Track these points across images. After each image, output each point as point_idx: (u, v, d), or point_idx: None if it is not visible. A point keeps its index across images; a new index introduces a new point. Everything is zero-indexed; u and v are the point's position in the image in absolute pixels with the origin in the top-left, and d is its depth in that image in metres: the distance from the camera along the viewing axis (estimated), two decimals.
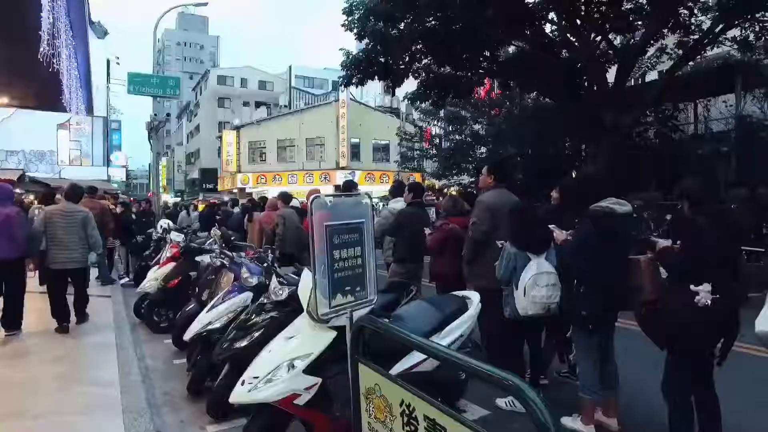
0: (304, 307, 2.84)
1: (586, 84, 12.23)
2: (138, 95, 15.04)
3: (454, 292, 3.60)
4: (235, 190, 33.91)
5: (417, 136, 24.02)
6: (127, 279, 10.07)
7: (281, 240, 7.19)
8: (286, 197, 7.66)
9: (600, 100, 11.30)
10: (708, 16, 10.88)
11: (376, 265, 2.69)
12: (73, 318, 5.95)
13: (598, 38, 11.79)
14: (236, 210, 12.02)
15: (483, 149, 19.93)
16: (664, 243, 2.80)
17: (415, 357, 2.88)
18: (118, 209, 11.38)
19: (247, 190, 32.67)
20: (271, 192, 31.29)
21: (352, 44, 29.50)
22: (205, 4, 20.43)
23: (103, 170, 35.83)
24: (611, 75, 11.94)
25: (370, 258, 2.58)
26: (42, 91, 12.50)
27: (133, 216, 11.51)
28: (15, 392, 3.89)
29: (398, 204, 5.68)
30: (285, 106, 40.54)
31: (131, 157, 55.29)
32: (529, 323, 3.60)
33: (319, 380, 2.70)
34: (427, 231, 4.64)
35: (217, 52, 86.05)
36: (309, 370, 2.71)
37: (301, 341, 2.79)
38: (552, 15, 12.23)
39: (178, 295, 5.91)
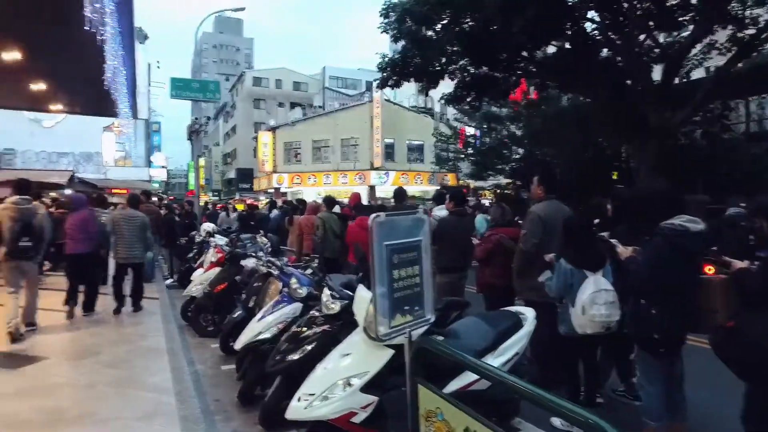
0: (360, 323, 2.84)
1: (628, 83, 11.87)
2: (179, 99, 15.39)
3: (508, 308, 3.54)
4: (270, 190, 34.47)
5: (452, 137, 23.83)
6: (171, 280, 10.36)
7: (318, 244, 7.26)
8: (329, 202, 7.71)
9: (644, 99, 10.94)
10: (766, 9, 10.36)
11: (434, 284, 2.66)
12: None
13: (642, 36, 11.41)
14: (274, 213, 12.17)
15: (520, 150, 19.64)
16: (738, 263, 2.65)
17: (471, 376, 2.84)
18: (162, 212, 11.74)
19: (282, 190, 33.16)
20: (306, 192, 31.74)
21: (387, 46, 29.42)
22: (243, 9, 20.78)
23: (145, 171, 37.07)
24: (655, 73, 11.56)
25: (427, 276, 2.56)
26: (92, 98, 13.01)
27: (177, 218, 11.80)
28: (80, 395, 4.05)
29: (441, 212, 5.63)
30: (319, 106, 40.90)
31: (170, 158, 57.03)
32: (585, 340, 3.50)
33: (376, 399, 2.69)
34: (475, 240, 4.58)
35: (251, 54, 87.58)
36: (365, 388, 2.71)
37: (358, 359, 2.79)
38: (592, 14, 11.92)
39: (223, 299, 6.05)
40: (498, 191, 20.62)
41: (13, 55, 9.38)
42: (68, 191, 19.47)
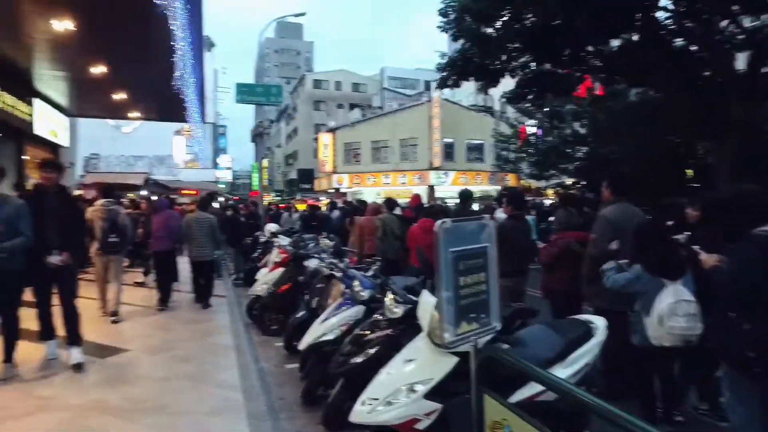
0: (424, 329, 2.82)
1: (707, 74, 11.08)
2: (244, 104, 15.96)
3: (577, 316, 3.40)
4: (330, 191, 35.10)
5: (513, 136, 23.28)
6: (236, 277, 10.78)
7: (378, 244, 7.31)
8: (390, 203, 7.75)
9: (726, 91, 10.17)
10: None
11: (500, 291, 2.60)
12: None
13: (724, 22, 10.60)
14: (335, 213, 12.38)
15: (584, 149, 18.89)
16: None
17: (538, 386, 2.75)
18: (228, 212, 12.24)
19: (342, 190, 33.68)
20: (366, 192, 32.07)
21: (446, 45, 29.24)
22: (303, 14, 21.37)
23: (212, 172, 38.82)
24: (738, 61, 10.69)
25: (494, 283, 2.50)
26: (166, 105, 13.78)
27: (242, 219, 12.25)
28: (157, 387, 4.29)
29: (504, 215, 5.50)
30: (378, 107, 41.21)
31: (235, 159, 59.50)
32: (660, 352, 3.29)
33: (440, 406, 2.67)
34: (541, 244, 4.44)
35: (311, 57, 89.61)
36: (429, 395, 2.69)
37: (421, 365, 2.77)
38: (665, 1, 11.22)
39: (287, 299, 6.20)
40: (561, 191, 19.95)
41: (100, 70, 10.12)
42: (144, 192, 20.79)
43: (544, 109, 19.11)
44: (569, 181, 20.28)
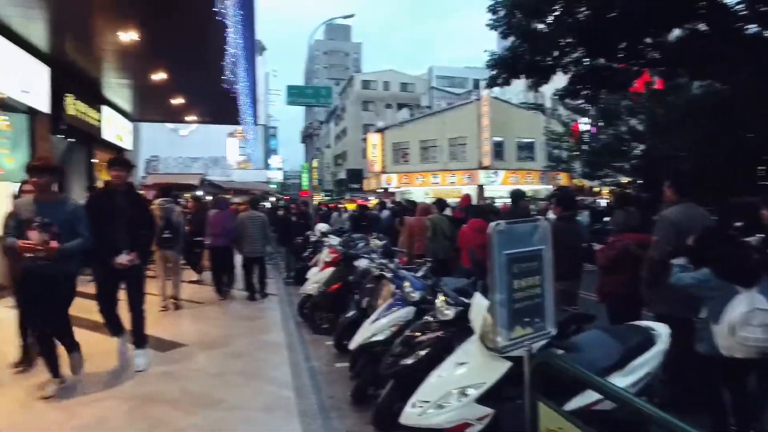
0: (476, 332, 2.77)
1: None
2: (295, 105, 16.29)
3: (637, 322, 3.24)
4: (379, 190, 35.28)
5: (565, 134, 22.57)
6: (286, 276, 11.01)
7: (428, 244, 7.26)
8: (440, 204, 7.71)
9: None
10: None
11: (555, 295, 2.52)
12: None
13: None
14: (384, 213, 12.42)
15: (641, 146, 18.06)
16: None
17: (595, 395, 2.64)
18: (280, 212, 12.52)
19: (391, 190, 33.77)
20: (414, 192, 32.02)
21: (495, 43, 28.77)
22: (352, 15, 21.53)
23: (263, 173, 39.85)
24: None
25: (549, 287, 2.42)
26: (221, 108, 14.27)
27: (293, 218, 12.50)
28: (212, 382, 4.44)
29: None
30: (427, 106, 41.04)
31: (286, 160, 60.87)
32: (730, 362, 3.08)
33: (492, 411, 2.61)
34: (597, 246, 4.27)
35: (360, 58, 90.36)
36: (481, 400, 2.64)
37: (473, 368, 2.72)
38: None
39: (337, 299, 6.27)
40: (616, 190, 19.18)
41: (160, 76, 10.63)
42: (199, 192, 21.60)
43: (598, 106, 18.42)
44: (624, 179, 19.46)
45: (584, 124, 22.39)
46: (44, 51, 9.13)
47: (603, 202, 22.89)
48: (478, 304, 2.79)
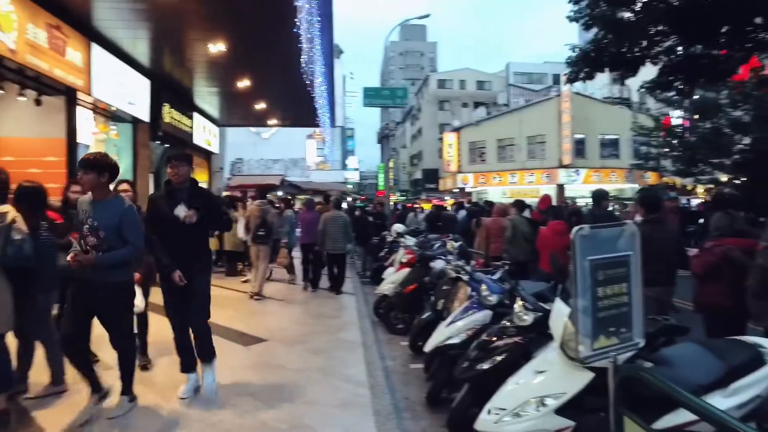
0: (557, 340, 2.66)
1: None
2: (371, 107, 16.53)
3: (741, 337, 2.95)
4: (455, 190, 34.95)
5: (655, 129, 21.03)
6: (363, 275, 11.19)
7: (507, 246, 7.08)
8: (520, 205, 7.52)
9: None
10: None
11: (644, 304, 2.35)
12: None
13: None
14: (461, 214, 12.27)
15: (746, 139, 16.41)
16: None
17: (689, 415, 2.43)
18: (357, 213, 12.75)
19: (467, 190, 33.34)
20: (491, 192, 31.39)
21: (576, 36, 27.42)
22: (428, 15, 21.43)
23: (341, 173, 40.82)
24: None
25: (637, 295, 2.27)
26: (300, 112, 14.81)
27: (369, 218, 12.69)
28: (292, 377, 4.61)
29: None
30: (504, 104, 40.10)
31: (362, 161, 61.99)
32: None
33: (572, 424, 2.49)
34: (692, 252, 3.94)
35: (435, 57, 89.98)
36: (561, 411, 2.53)
37: (553, 378, 2.61)
38: None
39: (413, 300, 6.29)
40: (714, 189, 17.60)
41: (244, 83, 11.26)
42: (280, 192, 22.54)
43: (693, 98, 17.02)
44: (724, 177, 17.82)
45: (677, 118, 20.80)
46: (146, 66, 10.01)
47: (695, 202, 21.13)
48: (559, 310, 2.68)
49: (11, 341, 3.68)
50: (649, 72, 12.40)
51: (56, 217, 4.15)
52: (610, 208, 8.99)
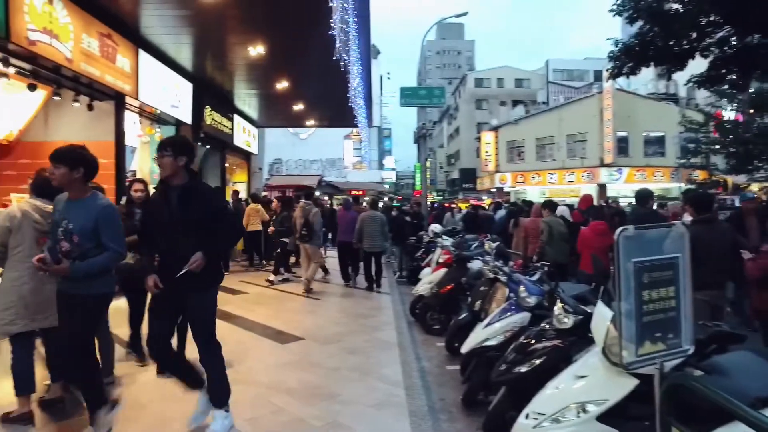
0: (598, 344, 2.57)
1: None
2: (408, 107, 16.49)
3: None
4: (493, 190, 34.48)
5: (705, 124, 20.07)
6: (399, 275, 11.18)
7: (542, 248, 6.94)
8: (550, 205, 7.37)
9: None
10: None
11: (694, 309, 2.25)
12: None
13: None
14: (499, 214, 12.10)
15: None
16: None
17: (746, 429, 2.30)
18: (393, 213, 12.75)
19: (505, 190, 32.83)
20: (530, 191, 30.81)
21: (619, 30, 26.62)
22: (465, 14, 21.21)
23: (378, 173, 40.96)
24: None
25: (686, 300, 2.17)
26: (338, 112, 14.95)
27: (407, 219, 12.65)
28: (328, 375, 4.65)
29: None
30: (543, 102, 39.27)
31: (399, 160, 62.02)
32: None
33: None
34: (746, 255, 3.75)
35: (473, 56, 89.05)
36: (602, 418, 2.44)
37: (594, 383, 2.53)
38: None
39: (450, 300, 6.24)
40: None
41: (283, 85, 11.47)
42: (317, 193, 22.83)
43: (749, 91, 16.17)
44: None
45: (729, 111, 19.82)
46: (188, 70, 10.33)
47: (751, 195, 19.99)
48: (601, 314, 2.59)
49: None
50: (698, 65, 11.87)
51: None
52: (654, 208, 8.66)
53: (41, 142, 8.17)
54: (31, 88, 7.02)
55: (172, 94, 9.79)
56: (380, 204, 12.42)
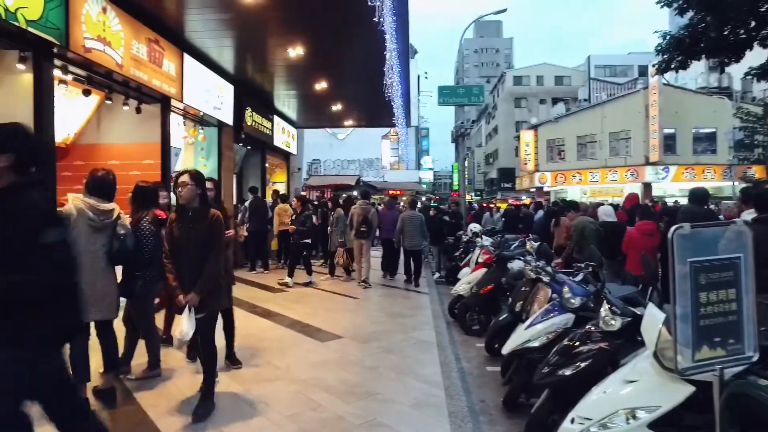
0: (649, 348, 2.47)
1: None
2: (446, 106, 16.36)
3: None
4: (532, 189, 33.83)
5: (764, 116, 18.98)
6: (438, 275, 11.12)
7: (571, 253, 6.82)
8: (575, 205, 7.45)
9: None
10: None
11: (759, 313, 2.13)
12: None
13: None
14: (539, 213, 11.87)
15: None
16: None
17: None
18: (432, 212, 12.69)
19: (545, 189, 32.15)
20: (571, 191, 30.07)
21: (666, 22, 25.43)
22: (504, 10, 20.84)
23: (415, 173, 40.84)
24: None
25: (749, 303, 2.06)
26: (376, 112, 15.01)
27: (446, 218, 12.57)
28: (367, 374, 4.66)
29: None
30: (584, 99, 38.21)
31: (437, 160, 61.64)
32: None
33: None
34: None
35: (511, 54, 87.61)
36: (654, 425, 2.34)
37: (645, 389, 2.43)
38: None
39: (489, 300, 6.17)
40: None
41: (321, 86, 11.62)
42: (355, 192, 22.97)
43: None
44: None
45: None
46: (230, 72, 10.57)
47: None
48: (653, 316, 2.49)
49: (119, 328, 4.09)
50: (756, 56, 11.26)
51: (161, 214, 4.51)
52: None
53: (94, 145, 8.58)
54: (86, 93, 7.35)
55: (214, 96, 10.06)
56: (418, 204, 12.52)
